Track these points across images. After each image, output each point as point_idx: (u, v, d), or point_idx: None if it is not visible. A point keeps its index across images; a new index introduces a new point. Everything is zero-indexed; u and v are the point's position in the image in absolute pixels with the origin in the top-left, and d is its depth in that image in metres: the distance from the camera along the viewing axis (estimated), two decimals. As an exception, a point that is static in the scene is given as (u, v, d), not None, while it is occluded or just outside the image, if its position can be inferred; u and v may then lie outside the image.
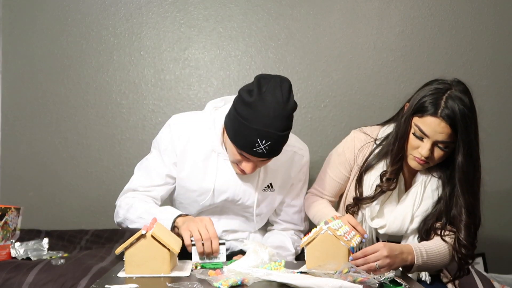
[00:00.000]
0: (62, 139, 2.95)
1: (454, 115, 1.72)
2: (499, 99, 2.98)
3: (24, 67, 2.95)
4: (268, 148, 1.82)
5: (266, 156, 1.85)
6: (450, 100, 1.74)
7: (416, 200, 1.90)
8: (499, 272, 2.81)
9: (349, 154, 2.03)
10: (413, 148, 1.81)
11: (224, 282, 1.45)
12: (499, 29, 2.95)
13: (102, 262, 2.11)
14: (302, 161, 2.10)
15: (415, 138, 1.80)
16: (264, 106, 1.80)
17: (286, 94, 1.84)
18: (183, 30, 2.94)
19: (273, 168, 2.04)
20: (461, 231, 1.81)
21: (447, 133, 1.74)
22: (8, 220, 2.24)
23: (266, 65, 2.94)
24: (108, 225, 2.89)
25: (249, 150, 1.84)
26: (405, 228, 1.91)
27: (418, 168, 1.84)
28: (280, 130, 1.81)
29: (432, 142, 1.76)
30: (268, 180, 2.06)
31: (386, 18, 2.94)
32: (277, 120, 1.80)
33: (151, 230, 1.60)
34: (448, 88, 1.79)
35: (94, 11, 2.94)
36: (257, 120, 1.80)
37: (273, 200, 2.09)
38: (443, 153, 1.79)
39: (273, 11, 2.94)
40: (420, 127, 1.77)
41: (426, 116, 1.75)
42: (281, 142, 1.86)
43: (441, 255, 1.80)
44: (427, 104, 1.76)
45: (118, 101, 2.95)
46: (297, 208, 2.15)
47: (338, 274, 1.53)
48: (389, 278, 1.54)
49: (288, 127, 1.85)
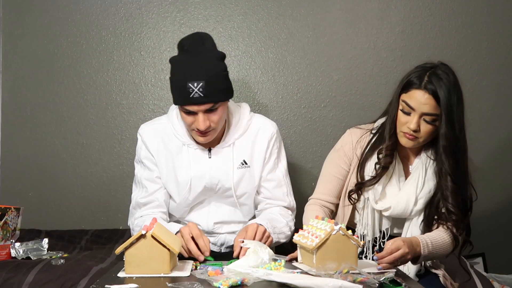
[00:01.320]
0: (62, 139, 2.95)
1: (435, 87, 1.83)
2: (499, 99, 2.98)
3: (24, 67, 2.95)
4: (203, 90, 1.92)
5: (204, 99, 1.93)
6: (433, 75, 1.86)
7: (419, 182, 1.97)
8: (499, 272, 2.81)
9: (347, 148, 2.09)
10: (402, 124, 1.90)
11: (224, 282, 1.45)
12: (499, 29, 2.95)
13: (102, 263, 2.11)
14: (267, 133, 2.16)
15: (403, 114, 1.89)
16: (190, 56, 1.98)
17: (208, 43, 2.02)
18: (183, 30, 2.94)
19: (242, 144, 2.13)
20: (448, 198, 1.89)
21: (431, 104, 1.84)
22: (8, 220, 2.24)
23: (266, 65, 2.94)
24: (108, 225, 2.90)
25: (188, 100, 1.94)
26: (409, 209, 1.96)
27: (409, 144, 1.92)
28: (209, 70, 1.95)
29: (419, 115, 1.86)
30: (241, 157, 2.13)
31: (386, 18, 2.94)
32: (204, 62, 1.96)
33: (151, 230, 1.60)
34: (433, 66, 1.91)
35: (94, 11, 2.94)
36: (185, 69, 1.95)
37: (251, 178, 2.13)
38: (430, 127, 1.88)
39: (273, 11, 2.94)
40: (406, 101, 1.88)
41: (412, 90, 1.87)
42: (214, 82, 1.95)
43: (445, 245, 1.88)
44: (412, 79, 1.89)
45: (118, 101, 2.95)
46: (275, 182, 2.18)
47: (338, 274, 1.53)
48: (389, 278, 1.54)
49: (219, 68, 1.99)
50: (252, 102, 2.94)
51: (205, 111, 1.97)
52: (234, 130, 2.14)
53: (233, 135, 2.13)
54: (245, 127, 2.15)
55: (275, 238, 2.02)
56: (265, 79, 2.95)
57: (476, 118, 2.97)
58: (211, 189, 2.12)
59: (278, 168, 2.20)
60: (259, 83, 2.95)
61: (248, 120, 2.17)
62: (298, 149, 2.93)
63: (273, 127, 2.20)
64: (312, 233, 1.67)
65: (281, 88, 2.95)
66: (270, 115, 2.93)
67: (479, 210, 2.99)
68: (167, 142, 2.13)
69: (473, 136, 2.96)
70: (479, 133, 2.97)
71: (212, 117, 1.99)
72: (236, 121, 2.15)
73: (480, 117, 2.96)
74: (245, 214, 2.20)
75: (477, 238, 2.95)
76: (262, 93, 2.95)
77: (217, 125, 2.03)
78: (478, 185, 2.95)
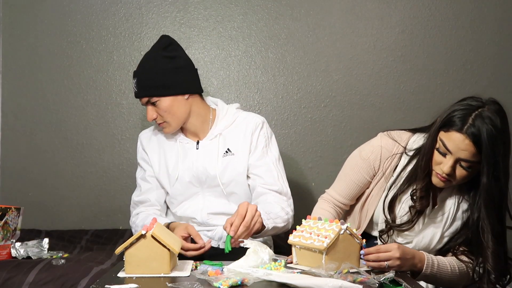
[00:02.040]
0: (62, 139, 2.95)
1: (479, 134, 1.65)
2: (499, 99, 2.96)
3: (24, 67, 2.95)
4: (137, 85, 2.17)
5: (137, 93, 2.18)
6: (478, 118, 1.67)
7: (448, 220, 1.85)
8: (499, 272, 2.81)
9: (374, 161, 1.95)
10: (436, 164, 1.76)
11: (224, 282, 1.45)
12: (499, 29, 2.95)
13: (102, 265, 2.11)
14: (254, 122, 2.24)
15: (438, 154, 1.74)
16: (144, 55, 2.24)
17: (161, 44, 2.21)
18: (183, 30, 2.94)
19: (228, 134, 2.23)
20: (488, 259, 1.73)
21: (471, 151, 1.68)
22: (8, 220, 2.24)
23: (266, 65, 2.94)
24: (108, 225, 2.90)
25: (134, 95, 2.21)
26: (432, 246, 1.86)
27: (440, 185, 1.78)
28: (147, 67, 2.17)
29: (455, 159, 1.71)
30: (226, 146, 2.22)
31: (386, 18, 2.94)
32: (145, 61, 2.19)
33: (151, 230, 1.60)
34: (480, 106, 1.72)
35: (94, 11, 2.94)
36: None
37: (237, 165, 2.20)
38: (466, 173, 1.73)
39: (273, 11, 2.94)
40: (444, 141, 1.72)
41: (451, 131, 1.70)
42: (149, 78, 2.14)
43: (452, 273, 1.76)
44: (454, 119, 1.71)
45: (118, 101, 2.95)
46: (264, 167, 2.21)
47: (338, 274, 1.52)
48: (389, 278, 1.54)
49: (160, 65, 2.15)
50: (252, 102, 2.94)
51: (149, 104, 2.17)
52: (220, 123, 2.25)
53: (219, 127, 2.24)
54: (231, 119, 2.25)
55: (271, 223, 1.99)
56: (265, 79, 2.95)
57: (476, 118, 2.97)
58: (199, 178, 2.21)
59: (268, 156, 2.24)
60: (259, 83, 2.95)
61: (234, 113, 2.27)
62: (298, 149, 2.93)
63: (259, 119, 2.27)
64: (316, 233, 1.67)
65: (281, 88, 2.95)
66: (270, 115, 2.93)
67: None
68: (161, 140, 2.29)
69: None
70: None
71: (158, 110, 2.17)
72: (223, 115, 2.26)
73: (480, 117, 2.96)
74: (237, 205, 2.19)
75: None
76: (262, 93, 2.95)
77: (166, 118, 2.17)
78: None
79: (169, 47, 2.21)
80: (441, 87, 2.95)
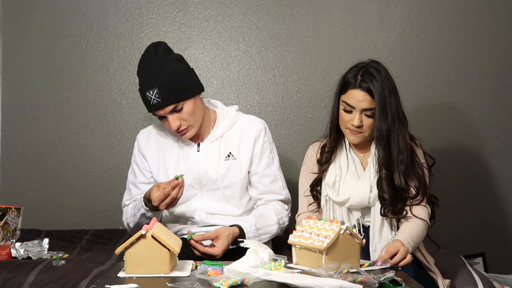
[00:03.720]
0: (62, 139, 2.95)
1: (369, 84, 1.98)
2: (499, 99, 2.98)
3: (24, 67, 2.95)
4: (158, 95, 2.04)
5: (162, 103, 2.05)
6: (365, 73, 2.00)
7: (371, 172, 2.07)
8: (499, 272, 2.81)
9: (309, 162, 2.20)
10: (347, 122, 2.03)
11: (224, 282, 1.45)
12: (499, 29, 2.95)
13: (102, 265, 2.11)
14: (255, 127, 2.23)
15: (345, 113, 2.03)
16: (143, 67, 2.10)
17: (160, 50, 2.09)
18: (183, 30, 2.94)
19: (229, 137, 2.22)
20: (383, 187, 2.01)
21: (368, 100, 1.98)
22: (8, 220, 2.24)
23: (266, 65, 2.94)
24: (108, 225, 2.90)
25: (151, 107, 2.08)
26: (366, 197, 2.05)
27: (356, 140, 2.06)
28: (161, 75, 2.05)
29: (359, 111, 1.99)
30: (228, 149, 2.20)
31: (386, 18, 2.94)
32: (155, 69, 2.06)
33: (151, 230, 1.60)
34: (364, 66, 2.04)
35: (94, 11, 2.94)
36: (142, 80, 2.09)
37: (238, 169, 2.20)
38: (371, 121, 2.01)
39: (273, 11, 2.94)
40: (346, 101, 2.01)
41: (349, 91, 2.01)
42: (167, 85, 2.05)
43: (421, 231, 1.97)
44: (347, 80, 2.03)
45: (118, 101, 2.95)
46: (271, 177, 2.24)
47: (338, 274, 1.53)
48: (389, 278, 1.54)
49: (172, 71, 2.07)
50: (252, 102, 2.94)
51: (171, 112, 2.08)
52: (221, 125, 2.23)
53: (220, 129, 2.22)
54: (232, 121, 2.23)
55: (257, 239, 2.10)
56: (265, 79, 2.95)
57: (476, 118, 2.97)
58: (200, 181, 2.20)
59: (273, 163, 2.27)
60: (259, 83, 2.95)
61: (234, 115, 2.25)
62: (298, 149, 2.93)
63: (261, 123, 2.26)
64: (316, 233, 1.67)
65: (281, 88, 2.95)
66: (270, 115, 2.94)
67: (480, 210, 3.00)
68: (160, 141, 2.26)
69: (474, 136, 2.98)
70: (479, 133, 2.97)
71: (182, 116, 2.10)
72: (223, 117, 2.24)
73: (480, 117, 2.96)
74: (236, 208, 2.23)
75: (477, 238, 2.97)
76: (262, 93, 2.95)
77: (190, 121, 2.12)
78: (479, 184, 2.98)
79: (170, 51, 2.15)
80: (441, 87, 2.95)
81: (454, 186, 2.95)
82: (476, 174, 2.99)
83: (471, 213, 2.97)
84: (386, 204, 2.00)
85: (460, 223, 2.95)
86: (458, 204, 2.95)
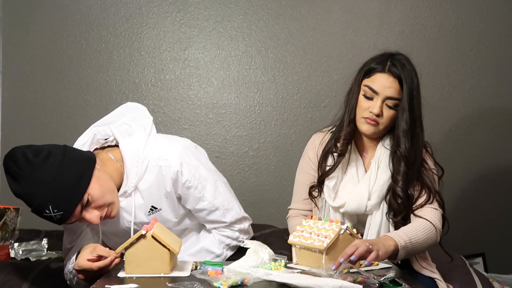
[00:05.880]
0: (62, 139, 2.94)
1: (400, 70, 1.85)
2: (499, 98, 2.98)
3: (24, 67, 2.95)
4: (56, 209, 1.74)
5: (67, 214, 1.73)
6: (395, 60, 1.87)
7: (372, 176, 1.93)
8: (499, 272, 2.81)
9: (310, 152, 2.06)
10: (364, 110, 1.87)
11: (224, 282, 1.45)
12: (499, 29, 2.95)
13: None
14: (170, 172, 1.85)
15: (365, 100, 1.87)
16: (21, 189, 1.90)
17: (21, 165, 1.88)
18: (183, 30, 2.94)
19: (146, 190, 1.87)
20: (398, 182, 1.87)
21: (395, 88, 1.84)
22: (7, 220, 2.24)
23: (266, 65, 2.94)
24: (108, 225, 2.89)
25: (59, 221, 1.78)
26: (363, 205, 1.92)
27: (370, 131, 1.89)
28: (43, 188, 1.77)
29: (383, 98, 1.84)
30: (148, 204, 1.89)
31: (386, 18, 2.94)
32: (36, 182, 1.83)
33: (151, 230, 1.59)
34: (392, 54, 1.91)
35: (94, 11, 2.94)
36: (29, 203, 1.85)
37: (167, 218, 1.93)
38: (392, 113, 1.87)
39: (273, 11, 2.94)
40: (369, 85, 1.86)
41: (375, 74, 1.86)
42: (58, 195, 1.73)
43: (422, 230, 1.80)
44: (374, 65, 1.88)
45: (118, 101, 2.94)
46: (206, 210, 1.93)
47: (338, 274, 1.52)
48: (389, 278, 1.54)
49: (49, 177, 1.79)
50: (252, 102, 2.94)
51: (82, 212, 1.76)
52: (130, 175, 1.86)
53: (131, 181, 1.86)
54: (142, 168, 1.85)
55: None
56: (265, 79, 2.95)
57: (476, 118, 2.97)
58: (134, 231, 1.88)
59: (204, 196, 1.92)
60: (259, 83, 2.95)
61: (143, 159, 1.86)
62: (298, 149, 2.93)
63: (174, 161, 1.86)
64: (317, 233, 1.67)
65: (281, 88, 2.95)
66: (270, 115, 2.93)
67: (479, 210, 3.00)
68: None
69: (474, 135, 2.98)
70: (479, 133, 2.97)
71: (95, 206, 1.77)
72: (130, 164, 1.85)
73: (480, 116, 2.96)
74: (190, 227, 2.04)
75: (477, 238, 2.97)
76: (262, 93, 2.95)
77: (106, 203, 1.78)
78: (479, 185, 2.98)
79: (29, 160, 1.86)
80: (441, 87, 2.95)
81: (454, 186, 2.94)
82: (476, 174, 2.99)
83: (471, 213, 2.97)
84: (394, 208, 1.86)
85: (460, 223, 2.95)
86: (458, 204, 2.95)
